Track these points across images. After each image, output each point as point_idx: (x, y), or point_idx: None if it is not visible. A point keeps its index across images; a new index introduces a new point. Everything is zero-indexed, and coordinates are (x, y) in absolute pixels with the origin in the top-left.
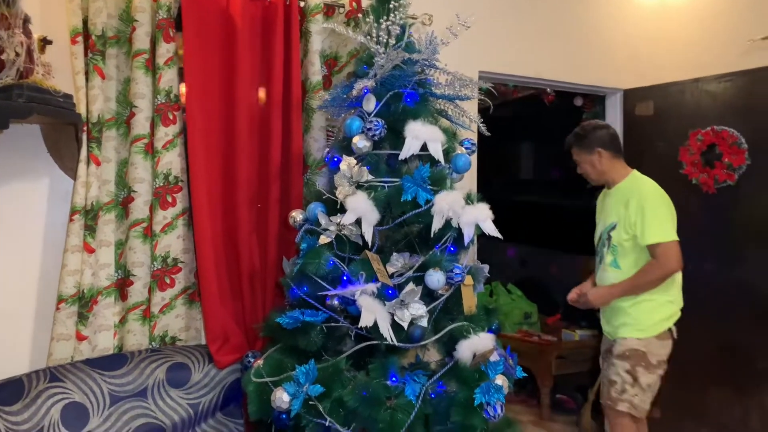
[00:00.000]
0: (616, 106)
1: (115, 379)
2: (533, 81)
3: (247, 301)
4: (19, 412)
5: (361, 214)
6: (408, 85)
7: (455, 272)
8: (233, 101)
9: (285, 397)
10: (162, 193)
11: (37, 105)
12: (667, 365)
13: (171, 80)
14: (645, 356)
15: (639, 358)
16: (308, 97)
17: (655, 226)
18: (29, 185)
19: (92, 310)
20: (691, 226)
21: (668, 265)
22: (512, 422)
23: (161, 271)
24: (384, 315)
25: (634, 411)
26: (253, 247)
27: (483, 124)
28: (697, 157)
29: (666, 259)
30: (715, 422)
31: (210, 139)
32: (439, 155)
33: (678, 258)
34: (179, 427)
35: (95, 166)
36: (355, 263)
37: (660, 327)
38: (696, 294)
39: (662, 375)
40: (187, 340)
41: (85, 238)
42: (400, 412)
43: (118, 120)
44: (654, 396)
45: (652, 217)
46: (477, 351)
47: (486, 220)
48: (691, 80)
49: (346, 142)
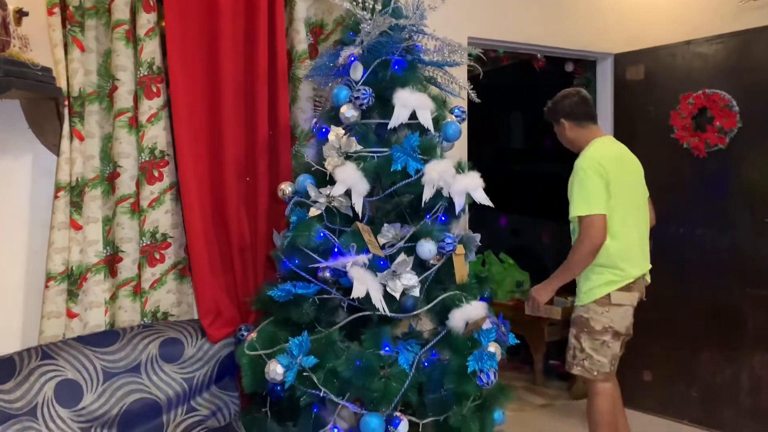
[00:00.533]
0: (607, 71)
1: (107, 355)
2: (523, 46)
3: (239, 274)
4: (12, 390)
5: (350, 185)
6: (396, 52)
7: (446, 242)
8: (218, 72)
9: (279, 369)
10: (148, 168)
11: (16, 79)
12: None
13: (153, 52)
14: (587, 322)
15: (582, 325)
16: (294, 66)
17: (580, 199)
18: (12, 162)
19: (82, 287)
20: (682, 191)
21: (591, 239)
22: (505, 388)
23: (150, 247)
24: (376, 286)
25: (587, 374)
26: (242, 220)
27: (473, 91)
28: (688, 121)
29: (588, 233)
30: (705, 384)
31: (195, 112)
32: (429, 123)
33: (601, 230)
34: (174, 401)
35: (78, 141)
36: (345, 235)
37: (596, 293)
38: (687, 258)
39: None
40: (179, 315)
41: (71, 215)
42: (394, 380)
43: (100, 94)
44: (613, 359)
45: (578, 189)
46: (469, 319)
47: (477, 189)
48: (683, 43)
49: (333, 112)
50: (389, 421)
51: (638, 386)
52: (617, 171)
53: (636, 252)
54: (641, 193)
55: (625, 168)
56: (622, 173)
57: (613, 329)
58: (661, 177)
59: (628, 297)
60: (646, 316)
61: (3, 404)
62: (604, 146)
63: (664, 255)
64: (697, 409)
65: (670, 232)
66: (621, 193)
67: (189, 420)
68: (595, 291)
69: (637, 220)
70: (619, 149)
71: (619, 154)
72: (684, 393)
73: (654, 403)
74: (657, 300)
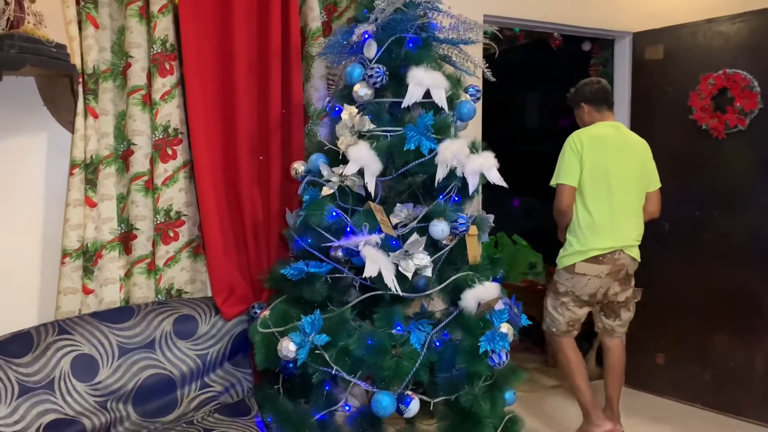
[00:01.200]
0: (625, 50)
1: (122, 331)
2: (540, 25)
3: (252, 252)
4: (29, 364)
5: (363, 165)
6: (410, 30)
7: (459, 222)
8: (231, 49)
9: (291, 347)
10: (162, 146)
11: (30, 56)
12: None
13: (166, 29)
14: (555, 284)
15: (552, 286)
16: (308, 44)
17: (556, 171)
18: (27, 140)
19: (97, 263)
20: (700, 173)
21: (557, 203)
22: (517, 369)
23: (164, 225)
24: (388, 265)
25: (548, 329)
26: (255, 199)
27: (488, 70)
28: (708, 101)
29: (556, 198)
30: (718, 367)
31: (208, 90)
32: (443, 102)
33: (563, 199)
34: (188, 377)
35: (93, 119)
36: (358, 214)
37: (565, 261)
38: (703, 240)
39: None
40: (193, 292)
41: (86, 192)
42: (406, 359)
43: (114, 71)
44: (570, 320)
45: (558, 163)
46: (482, 300)
47: (491, 169)
48: (704, 21)
49: (347, 91)
50: (400, 399)
51: (651, 368)
52: (595, 149)
53: (605, 226)
54: (631, 174)
55: (609, 148)
56: (602, 152)
57: (573, 294)
58: (679, 159)
59: (594, 269)
60: (660, 298)
61: (21, 377)
62: (597, 127)
63: (679, 237)
64: (710, 392)
65: (686, 214)
66: (597, 170)
67: (202, 396)
68: (564, 259)
69: (613, 197)
70: (610, 131)
71: (603, 134)
72: (697, 376)
73: (666, 386)
74: (672, 282)
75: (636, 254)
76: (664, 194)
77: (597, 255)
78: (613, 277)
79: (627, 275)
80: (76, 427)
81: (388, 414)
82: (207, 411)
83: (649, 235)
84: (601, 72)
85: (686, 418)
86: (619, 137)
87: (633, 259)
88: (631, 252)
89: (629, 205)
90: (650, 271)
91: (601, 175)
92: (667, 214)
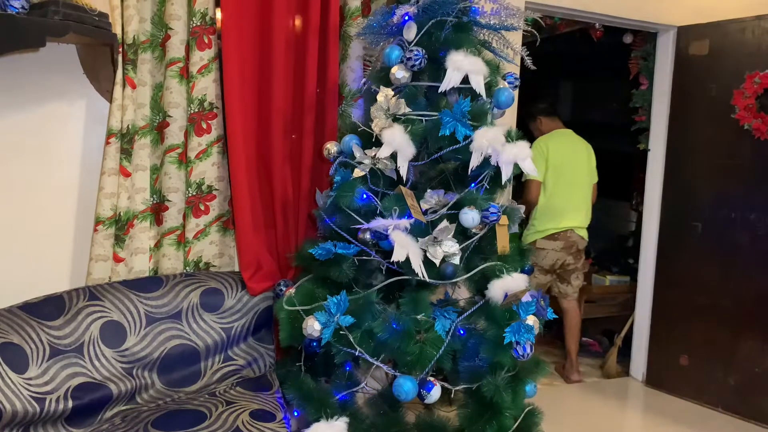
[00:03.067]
0: (668, 45)
1: (151, 300)
2: (581, 14)
3: (280, 230)
4: (61, 327)
5: (396, 148)
6: (451, 13)
7: (491, 211)
8: (270, 26)
9: (316, 326)
10: (197, 119)
11: (74, 23)
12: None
13: (206, 2)
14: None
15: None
16: (346, 24)
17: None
18: (67, 107)
19: (128, 233)
20: (739, 174)
21: (527, 196)
22: (540, 362)
23: (196, 198)
24: (416, 251)
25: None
26: (286, 177)
27: (528, 58)
28: (752, 100)
29: (526, 191)
30: (744, 372)
31: (245, 66)
32: (481, 89)
33: (532, 191)
34: (212, 349)
35: (131, 89)
36: (388, 198)
37: (529, 239)
38: (737, 243)
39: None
40: (221, 266)
41: (121, 162)
42: (430, 345)
43: (153, 42)
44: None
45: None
46: (509, 291)
47: (526, 160)
48: (753, 17)
49: (383, 73)
50: (422, 384)
51: (674, 369)
52: (556, 151)
53: (558, 211)
54: (581, 172)
55: (566, 152)
56: (561, 154)
57: (538, 265)
58: (717, 158)
59: (551, 244)
60: (688, 298)
61: (53, 340)
62: (555, 134)
63: (713, 239)
64: (733, 397)
65: (721, 216)
66: (557, 168)
67: (225, 368)
68: (528, 237)
69: (567, 188)
70: (565, 137)
71: (560, 139)
72: (721, 380)
73: (688, 387)
74: (701, 283)
75: (584, 234)
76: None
77: (553, 233)
78: (567, 251)
79: (578, 250)
80: (103, 391)
81: (409, 398)
82: (229, 384)
83: (680, 235)
84: (642, 65)
85: (707, 421)
86: (572, 141)
87: (582, 237)
88: (580, 232)
89: (582, 195)
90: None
91: (560, 172)
92: (701, 214)
